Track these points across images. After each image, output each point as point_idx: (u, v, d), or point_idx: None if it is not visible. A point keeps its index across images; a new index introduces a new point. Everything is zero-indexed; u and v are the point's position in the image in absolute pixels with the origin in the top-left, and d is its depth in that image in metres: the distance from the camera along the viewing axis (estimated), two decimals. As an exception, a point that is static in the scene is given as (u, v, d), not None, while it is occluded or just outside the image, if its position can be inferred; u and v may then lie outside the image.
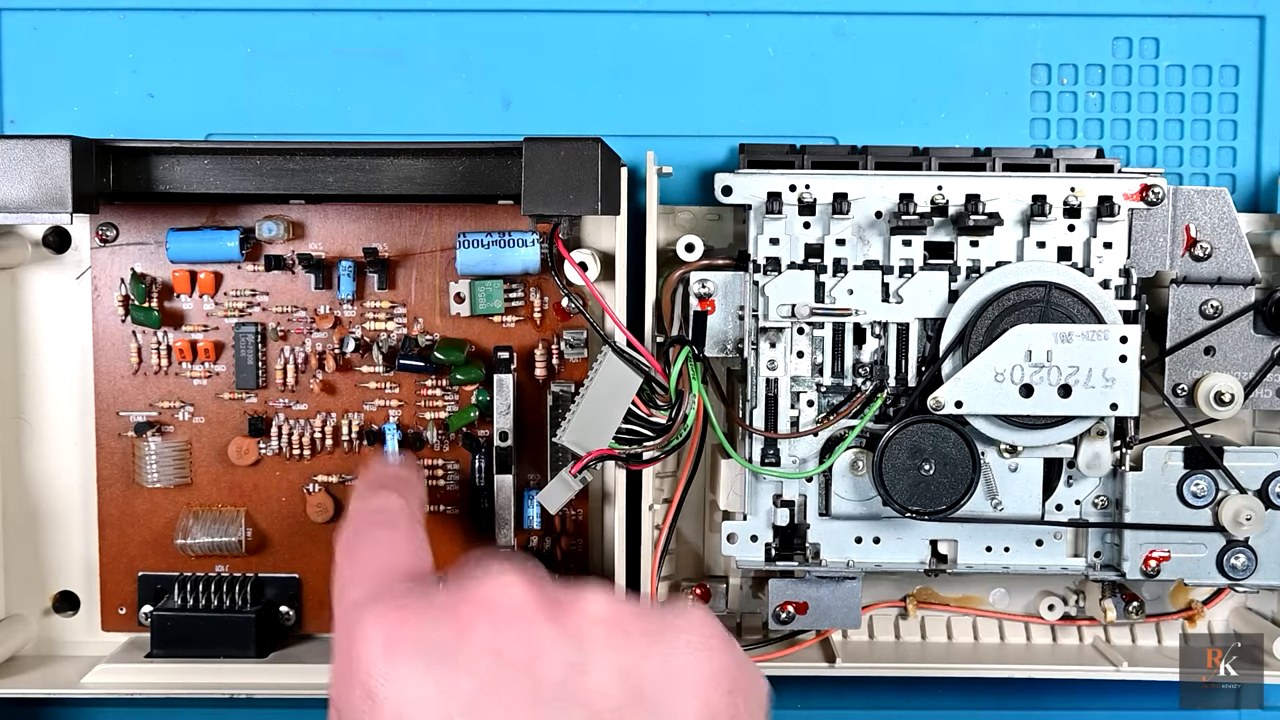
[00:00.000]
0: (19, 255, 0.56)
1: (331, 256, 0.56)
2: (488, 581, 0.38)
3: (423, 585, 0.40)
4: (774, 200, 0.53)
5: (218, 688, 0.55)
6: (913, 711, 0.62)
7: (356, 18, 0.59)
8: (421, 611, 0.37)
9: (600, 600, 0.38)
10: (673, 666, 0.37)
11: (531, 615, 0.37)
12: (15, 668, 0.57)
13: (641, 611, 0.39)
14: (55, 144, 0.46)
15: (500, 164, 0.48)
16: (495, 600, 0.37)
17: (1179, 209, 0.55)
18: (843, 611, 0.56)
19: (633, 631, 0.38)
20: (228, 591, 0.56)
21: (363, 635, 0.37)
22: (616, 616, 0.38)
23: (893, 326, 0.54)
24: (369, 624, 0.37)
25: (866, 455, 0.54)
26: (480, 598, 0.37)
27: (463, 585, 0.38)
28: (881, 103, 0.60)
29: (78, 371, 0.57)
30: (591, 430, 0.51)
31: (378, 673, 0.36)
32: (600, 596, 0.38)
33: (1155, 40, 0.60)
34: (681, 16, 0.59)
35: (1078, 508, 0.55)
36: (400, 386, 0.57)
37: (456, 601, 0.38)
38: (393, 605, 0.38)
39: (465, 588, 0.38)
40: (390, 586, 0.40)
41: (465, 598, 0.38)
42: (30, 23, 0.59)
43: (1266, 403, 0.55)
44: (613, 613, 0.38)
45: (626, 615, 0.38)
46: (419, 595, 0.38)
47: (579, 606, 0.38)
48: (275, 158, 0.49)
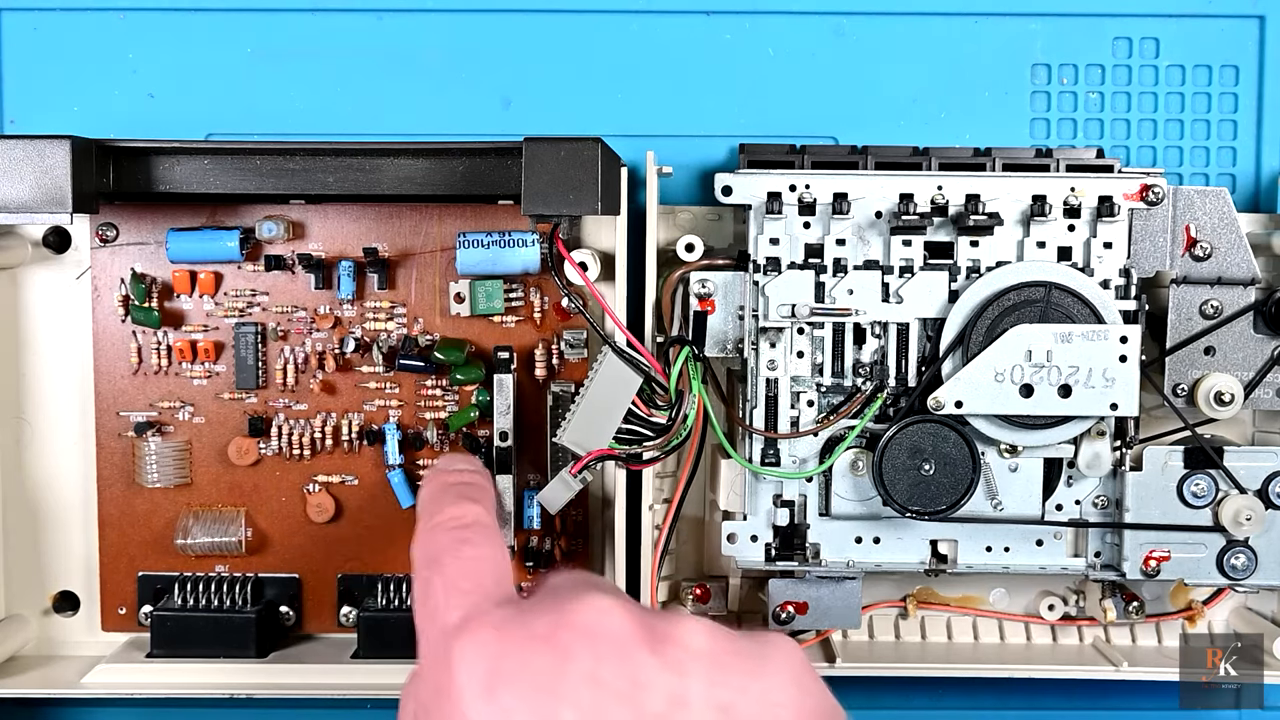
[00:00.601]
0: (19, 255, 0.56)
1: (331, 256, 0.56)
2: (584, 606, 0.37)
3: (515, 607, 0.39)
4: (774, 200, 0.53)
5: (218, 688, 0.55)
6: (913, 711, 0.62)
7: (356, 18, 0.59)
8: (522, 642, 0.37)
9: (700, 631, 0.38)
10: (771, 702, 0.37)
11: (633, 645, 0.36)
12: (15, 668, 0.57)
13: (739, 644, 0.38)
14: (55, 144, 0.46)
15: (500, 164, 0.48)
16: (595, 627, 0.36)
17: (1179, 209, 0.55)
18: (843, 611, 0.56)
19: (732, 666, 0.37)
20: (228, 591, 0.56)
21: (463, 665, 0.36)
22: (716, 649, 0.37)
23: (893, 326, 0.54)
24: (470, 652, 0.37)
25: (866, 455, 0.54)
26: (580, 624, 0.37)
27: (559, 609, 0.37)
28: (881, 103, 0.60)
29: (78, 371, 0.57)
30: (591, 430, 0.51)
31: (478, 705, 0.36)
32: (700, 627, 0.38)
33: (1155, 40, 0.60)
34: (681, 16, 0.59)
35: (1078, 508, 0.55)
36: (400, 386, 0.57)
37: (555, 628, 0.37)
38: (493, 633, 0.37)
39: (563, 612, 0.37)
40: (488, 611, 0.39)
41: (565, 623, 0.37)
42: (30, 23, 0.59)
43: (1266, 403, 0.55)
44: (712, 645, 0.37)
45: (725, 648, 0.37)
46: (517, 621, 0.38)
47: (677, 636, 0.37)
48: (275, 158, 0.49)
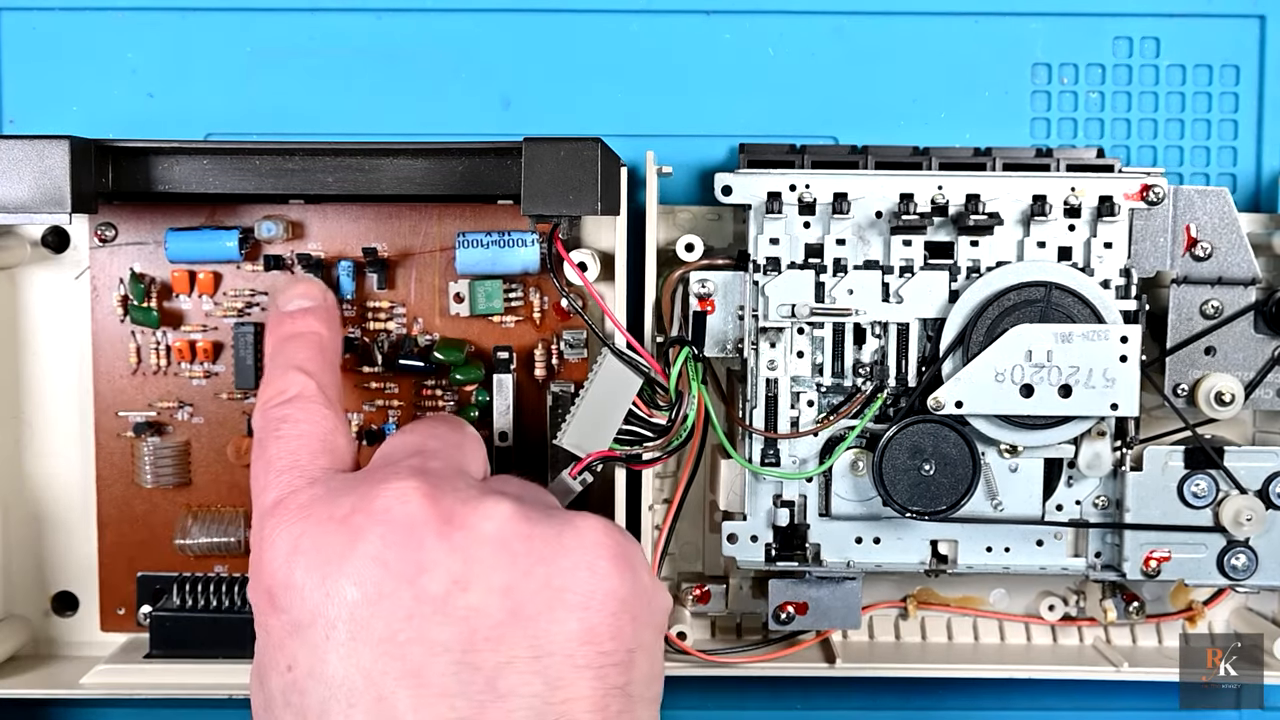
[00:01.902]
0: (18, 255, 0.56)
1: (331, 256, 0.56)
2: (384, 490, 0.39)
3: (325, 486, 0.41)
4: (774, 200, 0.53)
5: (217, 688, 0.55)
6: (913, 711, 0.62)
7: (356, 18, 0.59)
8: (321, 523, 0.39)
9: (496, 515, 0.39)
10: (556, 586, 0.38)
11: (423, 528, 0.38)
12: (15, 668, 0.57)
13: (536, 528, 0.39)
14: (54, 144, 0.46)
15: (500, 164, 0.48)
16: (389, 511, 0.38)
17: (1179, 209, 0.55)
18: (843, 612, 0.56)
19: (519, 551, 0.38)
20: (227, 591, 0.56)
21: (269, 542, 0.39)
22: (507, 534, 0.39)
23: (893, 326, 0.54)
24: (275, 532, 0.39)
25: (866, 455, 0.54)
26: (376, 508, 0.38)
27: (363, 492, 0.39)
28: (881, 103, 0.60)
29: (77, 371, 0.57)
30: (592, 432, 0.51)
31: (279, 579, 0.38)
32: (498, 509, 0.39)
33: (1155, 40, 0.60)
34: (681, 16, 0.59)
35: (1078, 508, 0.55)
36: (400, 386, 0.57)
37: (353, 510, 0.39)
38: (296, 513, 0.39)
39: (364, 495, 0.39)
40: (298, 490, 0.41)
41: (362, 507, 0.39)
42: (30, 23, 0.59)
43: (1267, 403, 0.55)
44: (504, 530, 0.39)
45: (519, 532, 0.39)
46: (323, 502, 0.39)
47: (471, 522, 0.38)
48: (275, 158, 0.49)
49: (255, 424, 0.44)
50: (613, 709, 0.38)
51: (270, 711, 0.38)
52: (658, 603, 0.41)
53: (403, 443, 0.44)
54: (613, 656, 0.38)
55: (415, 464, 0.41)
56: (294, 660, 0.37)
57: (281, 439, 0.43)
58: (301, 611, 0.37)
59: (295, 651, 0.37)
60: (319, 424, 0.44)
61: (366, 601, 0.37)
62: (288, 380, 0.45)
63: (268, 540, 0.39)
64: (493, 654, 0.37)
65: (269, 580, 0.38)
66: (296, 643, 0.37)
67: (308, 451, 0.43)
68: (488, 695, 0.37)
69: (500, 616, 0.37)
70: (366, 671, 0.36)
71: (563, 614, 0.38)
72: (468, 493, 0.40)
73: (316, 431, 0.43)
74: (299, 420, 0.44)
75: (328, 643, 0.37)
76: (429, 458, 0.42)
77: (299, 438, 0.43)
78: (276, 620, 0.38)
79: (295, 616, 0.37)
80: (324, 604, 0.37)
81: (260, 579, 0.39)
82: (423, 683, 0.36)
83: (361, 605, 0.37)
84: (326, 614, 0.37)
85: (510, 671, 0.37)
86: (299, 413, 0.44)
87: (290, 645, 0.38)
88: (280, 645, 0.38)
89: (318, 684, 0.37)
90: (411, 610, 0.37)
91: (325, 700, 0.37)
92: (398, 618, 0.37)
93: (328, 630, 0.37)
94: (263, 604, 0.39)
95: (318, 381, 0.45)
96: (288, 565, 0.38)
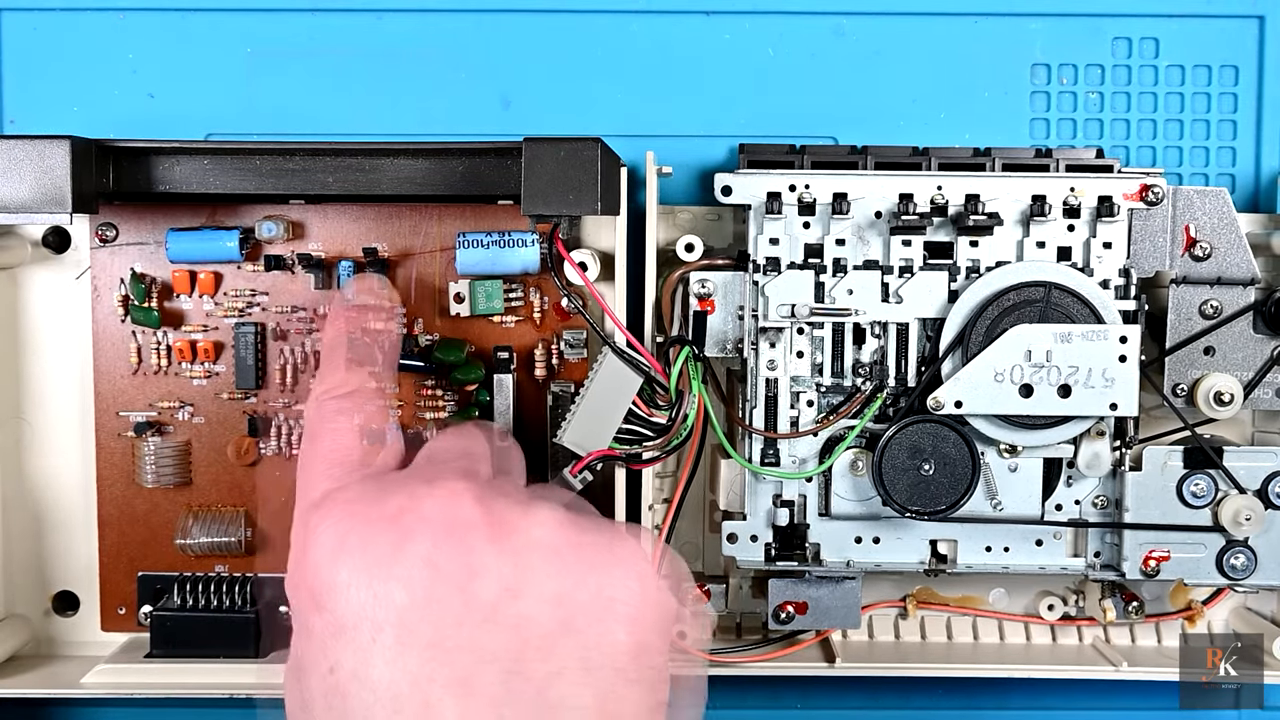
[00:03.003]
0: (19, 255, 0.56)
1: (331, 256, 0.56)
2: (435, 491, 0.38)
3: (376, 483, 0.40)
4: (774, 200, 0.53)
5: (217, 688, 0.55)
6: (913, 711, 0.62)
7: (356, 18, 0.59)
8: (370, 520, 0.38)
9: (545, 522, 0.38)
10: (607, 598, 0.38)
11: (473, 533, 0.37)
12: (15, 668, 0.57)
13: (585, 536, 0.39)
14: (55, 144, 0.46)
15: (500, 164, 0.48)
16: (440, 513, 0.37)
17: (1179, 209, 0.55)
18: (842, 611, 0.56)
19: (571, 559, 0.38)
20: (227, 591, 0.56)
21: (315, 539, 0.38)
22: (558, 542, 0.38)
23: (892, 326, 0.54)
24: (321, 528, 0.38)
25: (866, 455, 0.54)
26: (426, 509, 0.38)
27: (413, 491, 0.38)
28: (881, 103, 0.60)
29: (77, 371, 0.57)
30: (592, 431, 0.51)
31: (323, 577, 0.37)
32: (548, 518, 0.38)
33: (1155, 40, 0.60)
34: (681, 16, 0.59)
35: (1077, 508, 0.55)
36: (400, 386, 0.57)
37: (403, 510, 0.38)
38: (344, 510, 0.38)
39: (415, 495, 0.38)
40: (347, 486, 0.40)
41: (412, 507, 0.38)
42: (30, 23, 0.59)
43: (1266, 403, 0.55)
44: (555, 538, 0.38)
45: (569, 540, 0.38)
46: (371, 499, 0.39)
47: (521, 527, 0.38)
48: (275, 158, 0.49)
49: (308, 414, 0.44)
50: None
51: (309, 712, 0.37)
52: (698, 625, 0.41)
53: (448, 445, 0.44)
54: (661, 672, 0.38)
55: (463, 466, 0.41)
56: (337, 663, 0.36)
57: (336, 433, 0.42)
58: (346, 612, 0.36)
59: (339, 654, 0.36)
60: (374, 420, 0.43)
61: (415, 605, 0.36)
62: (347, 374, 0.44)
63: (313, 536, 0.38)
64: (543, 664, 0.36)
65: (313, 578, 0.37)
66: (340, 644, 0.36)
67: (360, 448, 0.42)
68: (537, 705, 0.36)
69: (551, 626, 0.37)
70: (413, 677, 0.35)
71: (613, 625, 0.37)
72: (517, 498, 0.39)
73: (370, 428, 0.43)
74: (354, 414, 0.43)
75: (374, 646, 0.36)
76: (475, 461, 0.42)
77: (352, 432, 0.42)
78: (319, 620, 0.37)
79: (340, 617, 0.36)
80: (371, 606, 0.36)
81: (303, 576, 0.38)
82: (470, 691, 0.35)
83: (410, 609, 0.36)
84: (374, 616, 0.36)
85: (560, 682, 0.36)
86: (355, 407, 0.43)
87: (334, 647, 0.36)
88: (323, 646, 0.37)
89: (362, 688, 0.36)
90: (461, 616, 0.36)
91: (370, 705, 0.36)
92: (447, 623, 0.36)
93: (374, 633, 0.36)
94: (305, 602, 0.38)
95: (376, 379, 0.45)
96: (333, 563, 0.37)
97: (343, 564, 0.37)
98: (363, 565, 0.37)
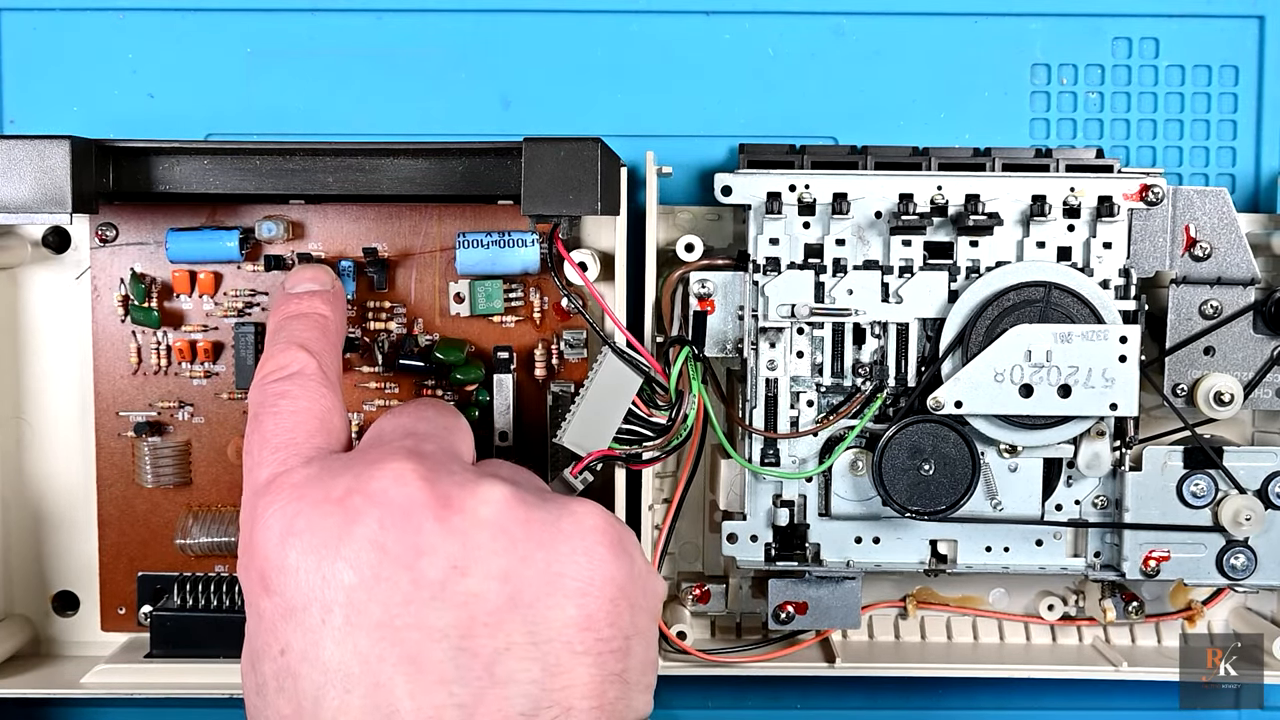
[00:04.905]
0: (19, 255, 0.56)
1: (331, 256, 0.56)
2: (381, 472, 0.38)
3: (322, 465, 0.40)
4: (774, 200, 0.53)
5: (217, 688, 0.55)
6: (913, 711, 0.62)
7: (356, 18, 0.59)
8: (317, 503, 0.38)
9: (493, 499, 0.38)
10: (554, 572, 0.38)
11: (420, 512, 0.37)
12: (15, 668, 0.57)
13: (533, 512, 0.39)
14: (55, 144, 0.46)
15: (500, 164, 0.48)
16: (386, 493, 0.38)
17: (1179, 209, 0.55)
18: (842, 611, 0.56)
19: (518, 535, 0.38)
20: (227, 591, 0.56)
21: (262, 523, 0.38)
22: (505, 519, 0.38)
23: (892, 326, 0.54)
24: (269, 511, 0.38)
25: (866, 455, 0.54)
26: (373, 490, 0.38)
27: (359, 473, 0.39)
28: (881, 103, 0.60)
29: (77, 372, 0.57)
30: (592, 431, 0.51)
31: (272, 560, 0.37)
32: (495, 494, 0.39)
33: (1155, 40, 0.60)
34: (681, 16, 0.59)
35: (1077, 508, 0.55)
36: (400, 386, 0.57)
37: (349, 491, 0.38)
38: (291, 493, 0.39)
39: (360, 476, 0.38)
40: (293, 469, 0.40)
41: (359, 488, 0.38)
42: (30, 23, 0.59)
43: (1266, 403, 0.55)
44: (502, 515, 0.38)
45: (516, 516, 0.38)
46: (317, 482, 0.39)
47: (469, 506, 0.38)
48: (275, 158, 0.49)
49: (252, 398, 0.43)
50: (610, 695, 0.38)
51: (263, 696, 0.38)
52: (653, 589, 0.41)
53: (394, 425, 0.44)
54: (610, 643, 0.38)
55: (409, 445, 0.41)
56: (287, 644, 0.37)
57: (279, 415, 0.42)
58: (296, 595, 0.37)
59: (289, 636, 0.37)
60: (317, 402, 0.43)
61: (363, 585, 0.36)
62: (289, 356, 0.44)
63: (260, 520, 0.38)
64: (490, 640, 0.37)
65: (261, 562, 0.38)
66: (290, 626, 0.37)
67: (304, 430, 0.42)
68: (485, 681, 0.36)
69: (499, 602, 0.37)
70: (363, 657, 0.36)
71: (561, 600, 0.38)
72: (464, 476, 0.39)
73: (315, 410, 0.43)
74: (297, 397, 0.43)
75: (323, 627, 0.36)
76: (421, 440, 0.42)
77: (295, 414, 0.42)
78: (269, 603, 0.37)
79: (289, 600, 0.37)
80: (320, 587, 0.36)
81: (252, 560, 0.38)
82: (420, 668, 0.36)
83: (358, 589, 0.36)
84: (322, 598, 0.36)
85: (508, 657, 0.37)
86: (298, 389, 0.43)
87: (284, 629, 0.37)
88: (273, 629, 0.37)
89: (312, 669, 0.36)
90: (409, 595, 0.36)
91: (320, 685, 0.36)
92: (395, 602, 0.36)
93: (323, 614, 0.36)
94: (255, 586, 0.38)
95: (319, 361, 0.44)
96: (281, 547, 0.37)
97: (291, 546, 0.37)
98: (310, 547, 0.37)
